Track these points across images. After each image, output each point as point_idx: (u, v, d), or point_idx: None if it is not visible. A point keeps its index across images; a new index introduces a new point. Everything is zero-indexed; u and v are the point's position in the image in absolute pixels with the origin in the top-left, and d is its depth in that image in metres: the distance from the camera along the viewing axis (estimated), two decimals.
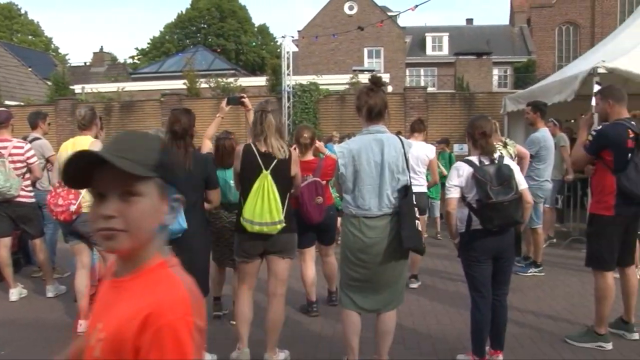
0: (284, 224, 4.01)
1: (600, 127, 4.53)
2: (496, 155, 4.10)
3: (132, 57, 43.96)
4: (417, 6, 13.59)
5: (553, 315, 5.39)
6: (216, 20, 51.54)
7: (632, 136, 4.41)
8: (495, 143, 4.63)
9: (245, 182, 4.08)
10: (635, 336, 4.74)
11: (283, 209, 4.02)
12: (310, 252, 5.51)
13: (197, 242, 4.02)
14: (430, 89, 21.46)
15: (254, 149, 4.06)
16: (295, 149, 4.86)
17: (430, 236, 9.76)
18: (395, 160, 3.69)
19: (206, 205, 4.26)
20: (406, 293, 6.26)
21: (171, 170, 1.37)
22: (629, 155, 4.39)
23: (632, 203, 4.47)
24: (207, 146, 5.03)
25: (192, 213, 3.95)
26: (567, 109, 10.33)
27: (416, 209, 3.73)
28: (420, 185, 6.40)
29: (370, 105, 3.72)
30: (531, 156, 6.85)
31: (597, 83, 8.04)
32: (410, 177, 6.29)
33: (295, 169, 4.18)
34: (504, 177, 3.91)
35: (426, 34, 42.92)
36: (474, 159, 4.08)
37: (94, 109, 5.36)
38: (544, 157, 6.97)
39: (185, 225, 3.87)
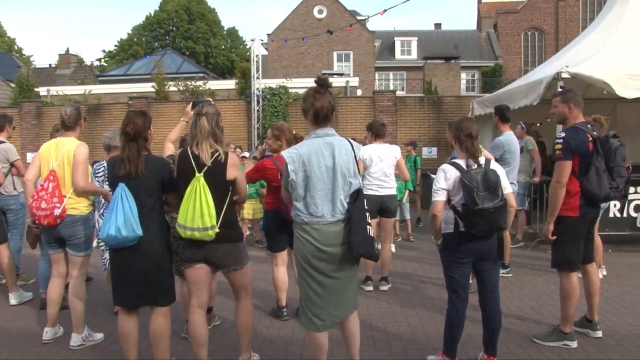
0: (217, 230, 3.76)
1: (564, 133, 4.62)
2: (482, 159, 4.07)
3: (99, 60, 43.18)
4: (385, 10, 13.73)
5: (521, 316, 5.47)
6: (185, 22, 51.16)
7: (591, 140, 4.56)
8: None
9: (181, 187, 3.88)
10: (599, 334, 4.85)
11: (219, 215, 3.80)
12: (282, 256, 5.43)
13: (156, 247, 3.90)
14: (399, 93, 21.65)
15: (189, 152, 3.90)
16: (258, 148, 4.82)
17: (403, 239, 9.81)
18: (346, 164, 3.56)
19: (166, 208, 4.13)
20: (377, 295, 6.35)
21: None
22: (590, 159, 4.54)
23: (595, 204, 4.69)
24: (170, 150, 4.89)
25: (149, 218, 3.87)
26: (533, 113, 10.53)
27: (368, 213, 3.60)
28: (390, 187, 6.47)
29: (317, 108, 3.57)
30: (496, 160, 6.88)
31: (562, 87, 8.22)
32: (380, 180, 6.40)
33: (233, 173, 3.93)
34: (491, 183, 3.88)
35: (395, 38, 43.33)
36: (461, 162, 4.04)
37: (79, 109, 5.14)
38: (508, 160, 7.05)
39: (139, 231, 3.77)
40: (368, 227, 3.54)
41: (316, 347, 3.66)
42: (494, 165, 4.14)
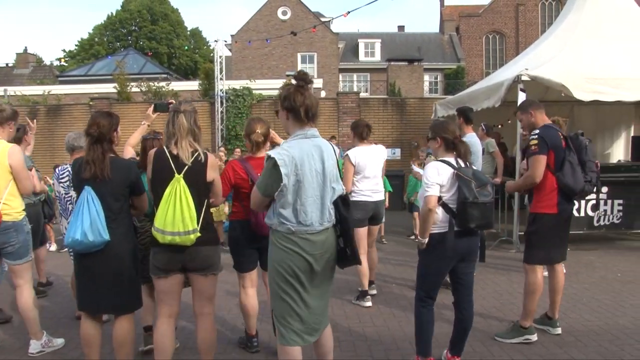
0: (198, 234, 3.58)
1: (538, 130, 4.76)
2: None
3: (59, 59, 42.38)
4: (349, 12, 13.80)
5: (483, 314, 5.55)
6: (148, 23, 50.48)
7: (562, 137, 4.78)
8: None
9: (158, 188, 3.66)
10: (558, 331, 4.96)
11: (199, 217, 3.61)
12: (252, 277, 4.58)
13: (124, 252, 3.79)
14: (363, 94, 21.79)
15: (167, 152, 3.68)
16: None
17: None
18: (332, 169, 3.36)
19: (133, 212, 4.00)
20: (340, 296, 6.37)
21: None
22: (564, 154, 4.71)
23: (571, 200, 4.87)
24: (130, 154, 4.70)
25: (116, 222, 3.76)
26: (494, 115, 10.71)
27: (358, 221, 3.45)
28: (381, 192, 6.13)
29: (307, 105, 3.30)
30: None
31: (522, 90, 8.40)
32: (373, 185, 5.96)
33: (212, 175, 3.78)
34: (482, 180, 3.90)
35: (359, 40, 43.56)
36: (451, 159, 3.99)
37: (16, 112, 4.90)
38: (471, 161, 7.07)
39: (106, 236, 3.65)
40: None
41: None
42: (477, 166, 4.14)
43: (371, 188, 5.96)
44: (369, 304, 5.94)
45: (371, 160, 5.95)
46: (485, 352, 4.59)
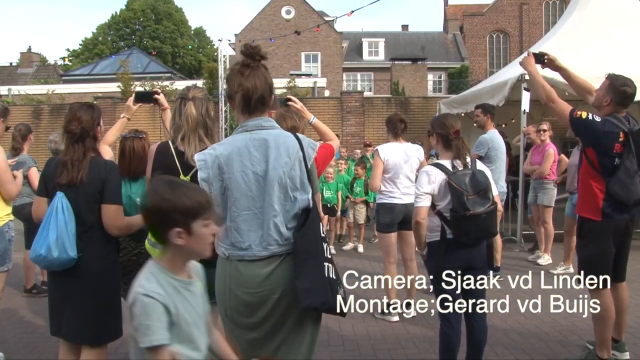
0: None
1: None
2: (467, 159, 3.71)
3: (63, 59, 42.54)
4: (353, 11, 13.82)
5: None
6: (152, 22, 50.55)
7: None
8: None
9: None
10: (626, 356, 4.33)
11: None
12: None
13: (98, 271, 3.17)
14: (366, 94, 21.76)
15: (172, 148, 3.09)
16: None
17: (369, 238, 9.83)
18: (288, 170, 2.47)
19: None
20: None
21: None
22: None
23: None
24: (107, 155, 3.89)
25: (89, 234, 3.16)
26: (498, 114, 10.62)
27: (324, 244, 2.50)
28: (412, 194, 5.03)
29: (246, 89, 2.49)
30: (480, 157, 6.62)
31: (526, 89, 8.38)
32: (405, 187, 5.27)
33: None
34: (480, 185, 3.56)
35: (363, 39, 43.54)
36: (447, 163, 3.69)
37: (6, 109, 4.54)
38: (493, 157, 6.86)
39: (73, 253, 3.05)
40: (326, 265, 2.45)
41: None
42: (481, 165, 3.81)
43: (401, 189, 5.38)
44: (394, 319, 5.34)
45: (403, 159, 5.41)
46: (489, 352, 4.57)
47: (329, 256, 2.49)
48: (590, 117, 3.93)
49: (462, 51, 43.85)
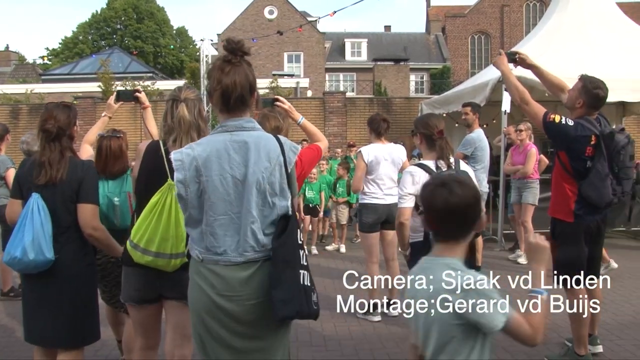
0: (185, 260, 2.82)
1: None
2: (451, 159, 3.74)
3: (42, 58, 41.90)
4: (335, 12, 13.83)
5: None
6: (133, 21, 50.12)
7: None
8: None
9: (142, 193, 2.98)
10: (599, 349, 4.49)
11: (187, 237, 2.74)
12: None
13: (76, 273, 3.13)
14: (349, 94, 21.83)
15: (162, 149, 2.99)
16: None
17: (351, 238, 9.85)
18: (268, 175, 2.37)
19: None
20: (325, 295, 6.33)
21: None
22: None
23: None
24: (87, 154, 3.90)
25: (66, 236, 3.10)
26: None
27: (301, 251, 2.40)
28: (395, 195, 5.01)
29: (225, 85, 2.38)
30: (466, 157, 6.69)
31: (506, 90, 8.43)
32: (387, 187, 5.32)
33: None
34: None
35: (345, 40, 43.64)
36: (430, 163, 3.70)
37: None
38: (480, 157, 6.87)
39: (50, 254, 2.99)
40: (301, 273, 2.35)
41: None
42: (464, 166, 3.86)
43: (384, 190, 5.41)
44: (376, 318, 5.37)
45: (386, 160, 5.44)
46: None
47: (305, 263, 2.39)
48: (563, 121, 3.98)
49: (444, 52, 44.12)
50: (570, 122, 3.99)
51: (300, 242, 2.41)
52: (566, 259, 4.04)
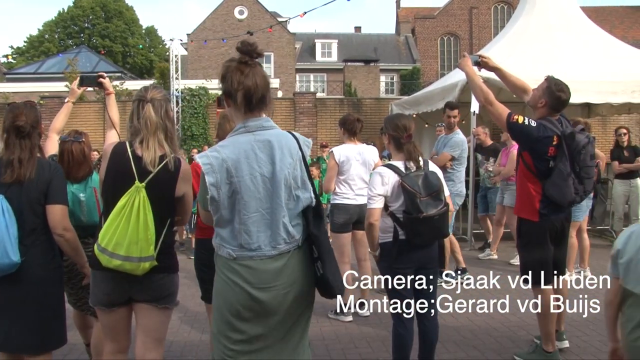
0: (155, 263, 2.84)
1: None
2: (421, 160, 3.73)
3: (7, 56, 41.06)
4: (305, 13, 13.84)
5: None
6: (101, 20, 49.42)
7: None
8: None
9: (109, 195, 2.89)
10: (566, 344, 4.62)
11: (158, 240, 2.84)
12: None
13: (42, 276, 3.04)
14: (319, 95, 21.85)
15: (129, 150, 2.91)
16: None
17: None
18: (292, 171, 2.51)
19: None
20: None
21: None
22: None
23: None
24: (53, 144, 3.82)
25: (32, 238, 3.01)
26: None
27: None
28: (365, 195, 5.16)
29: (248, 87, 2.46)
30: (453, 158, 6.64)
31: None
32: (358, 187, 5.31)
33: (183, 188, 3.00)
34: (433, 187, 3.58)
35: (316, 40, 43.63)
36: (399, 164, 3.71)
37: None
38: (463, 159, 6.81)
39: (15, 257, 2.89)
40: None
41: None
42: (433, 167, 3.83)
43: (355, 190, 5.42)
44: (349, 318, 5.37)
45: (357, 161, 5.45)
46: (441, 349, 4.63)
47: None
48: (526, 122, 4.03)
49: (414, 53, 44.43)
50: (533, 123, 4.05)
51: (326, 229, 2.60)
52: (532, 258, 4.16)
